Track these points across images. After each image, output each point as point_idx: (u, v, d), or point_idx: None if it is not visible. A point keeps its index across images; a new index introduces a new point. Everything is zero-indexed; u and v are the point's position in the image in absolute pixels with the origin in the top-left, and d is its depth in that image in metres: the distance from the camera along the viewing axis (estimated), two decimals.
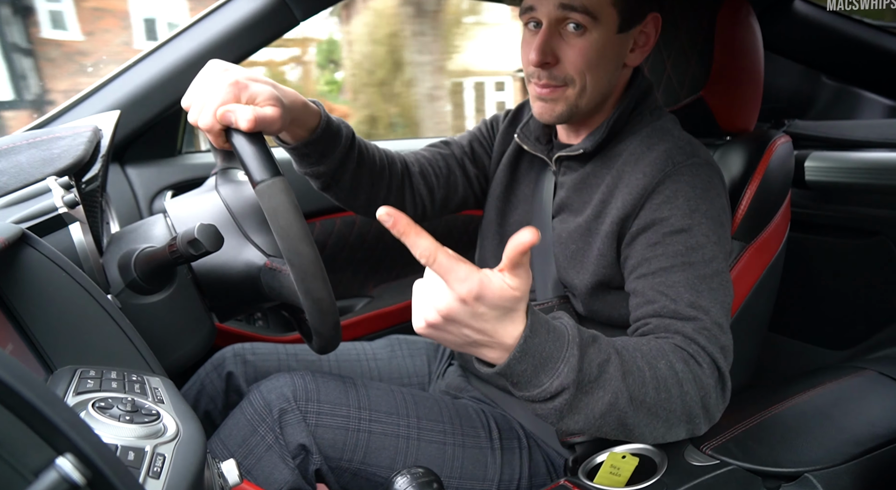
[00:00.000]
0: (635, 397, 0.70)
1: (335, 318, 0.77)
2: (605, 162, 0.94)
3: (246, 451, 0.90)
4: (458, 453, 0.96)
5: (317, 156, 0.93)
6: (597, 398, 0.68)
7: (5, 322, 0.57)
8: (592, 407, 0.69)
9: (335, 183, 0.98)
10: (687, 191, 0.85)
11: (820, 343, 1.67)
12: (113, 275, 0.81)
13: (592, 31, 0.85)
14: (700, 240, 0.83)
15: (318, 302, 0.75)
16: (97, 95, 1.24)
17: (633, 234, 0.87)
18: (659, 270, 0.83)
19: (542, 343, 0.65)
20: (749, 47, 1.09)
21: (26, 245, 0.60)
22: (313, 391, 0.94)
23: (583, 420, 0.70)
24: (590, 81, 0.88)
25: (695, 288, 0.81)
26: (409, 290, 1.73)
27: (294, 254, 0.73)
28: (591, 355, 0.68)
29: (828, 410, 0.93)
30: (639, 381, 0.71)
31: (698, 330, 0.78)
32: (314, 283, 0.74)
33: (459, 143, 1.14)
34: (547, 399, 0.67)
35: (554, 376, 0.66)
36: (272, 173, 0.73)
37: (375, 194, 1.03)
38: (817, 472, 0.78)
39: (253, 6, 1.26)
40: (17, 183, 0.77)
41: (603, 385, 0.68)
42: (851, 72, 1.67)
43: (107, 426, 0.47)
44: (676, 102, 1.13)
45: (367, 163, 1.00)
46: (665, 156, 0.88)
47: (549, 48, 0.87)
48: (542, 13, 0.86)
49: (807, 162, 1.47)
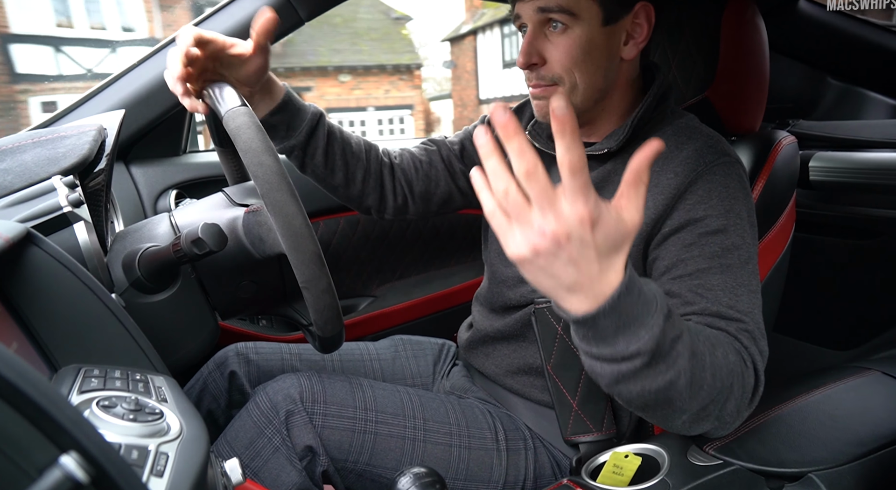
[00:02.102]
0: (695, 381, 0.66)
1: (312, 244, 0.73)
2: (627, 160, 0.93)
3: (253, 453, 0.90)
4: (463, 455, 0.96)
5: (284, 128, 1.02)
6: (659, 372, 0.63)
7: (10, 321, 0.57)
8: (652, 381, 0.63)
9: (309, 158, 1.06)
10: (721, 190, 0.85)
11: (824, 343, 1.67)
12: (117, 274, 0.81)
13: (575, 27, 0.86)
14: (736, 241, 0.82)
15: (288, 218, 0.72)
16: (102, 95, 1.25)
17: (666, 235, 0.86)
18: (696, 272, 0.81)
19: (632, 303, 0.59)
20: (755, 47, 1.09)
21: (31, 244, 0.60)
22: (319, 392, 0.93)
23: (637, 391, 0.64)
24: (580, 78, 0.88)
25: (733, 291, 0.80)
26: (413, 290, 1.75)
27: (258, 165, 0.72)
28: (668, 328, 0.63)
29: (832, 411, 0.93)
30: (700, 365, 0.66)
31: (740, 331, 0.77)
32: (280, 195, 0.72)
33: (449, 141, 1.18)
34: (614, 360, 0.62)
35: (632, 341, 0.60)
36: (238, 103, 0.78)
37: (352, 175, 1.10)
38: (821, 472, 0.78)
39: (257, 6, 1.27)
40: (22, 182, 0.78)
41: (670, 362, 0.63)
42: (857, 72, 1.66)
43: (110, 425, 0.47)
44: (682, 103, 1.13)
45: (339, 142, 1.07)
46: (696, 155, 0.87)
47: (535, 50, 0.88)
48: (526, 17, 0.88)
49: (811, 162, 1.47)
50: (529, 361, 1.01)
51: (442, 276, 1.74)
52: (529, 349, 1.02)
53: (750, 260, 0.83)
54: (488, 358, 1.08)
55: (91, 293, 0.62)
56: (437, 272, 1.75)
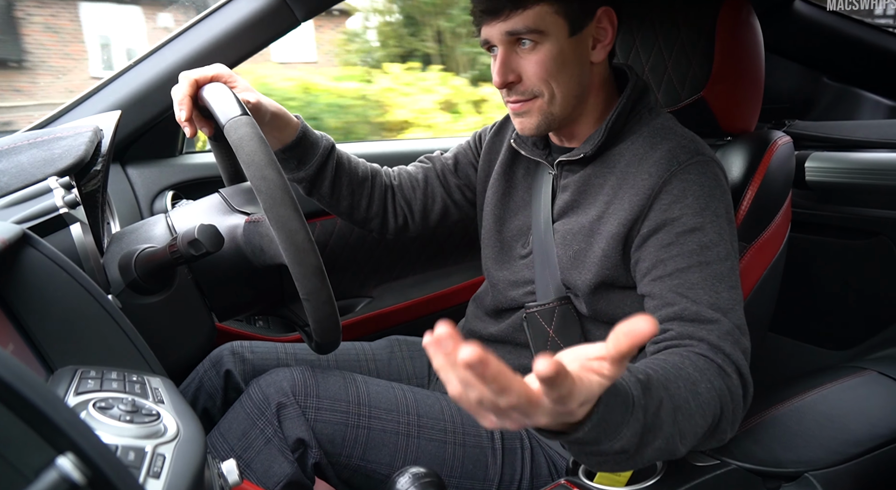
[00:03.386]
0: (685, 433, 0.67)
1: (314, 258, 0.73)
2: (606, 163, 0.94)
3: (245, 444, 0.90)
4: (458, 452, 0.96)
5: (295, 162, 1.06)
6: (650, 446, 0.64)
7: (6, 322, 0.57)
8: (643, 454, 0.64)
9: (316, 189, 1.10)
10: (696, 189, 0.85)
11: (820, 343, 1.67)
12: (113, 275, 0.81)
13: (544, 43, 0.87)
14: (713, 238, 0.83)
15: (291, 233, 0.72)
16: (98, 95, 1.24)
17: (644, 236, 0.87)
18: (675, 272, 0.82)
19: (609, 412, 0.58)
20: (750, 47, 1.09)
21: (27, 245, 0.60)
22: (312, 386, 0.94)
23: (630, 465, 0.66)
24: (557, 89, 0.90)
25: (713, 288, 0.80)
26: (410, 291, 1.74)
27: (261, 180, 0.72)
28: (648, 406, 0.62)
29: (828, 411, 0.93)
30: (687, 415, 0.67)
31: (722, 335, 0.77)
32: (284, 210, 0.72)
33: (444, 157, 1.20)
34: (605, 454, 0.62)
35: (615, 440, 0.60)
36: (239, 112, 0.77)
37: (357, 203, 1.14)
38: (818, 472, 0.78)
39: (253, 7, 1.26)
40: (19, 183, 0.77)
41: (656, 432, 0.63)
42: (852, 72, 1.67)
43: (107, 426, 0.47)
44: (677, 103, 1.13)
45: (347, 173, 1.11)
46: (670, 154, 0.88)
47: (509, 68, 0.90)
48: (495, 40, 0.90)
49: (807, 162, 1.47)
50: (524, 363, 1.01)
51: (439, 277, 1.74)
52: (523, 352, 1.02)
53: (728, 256, 0.83)
54: None
55: (87, 294, 0.62)
56: (434, 273, 1.75)
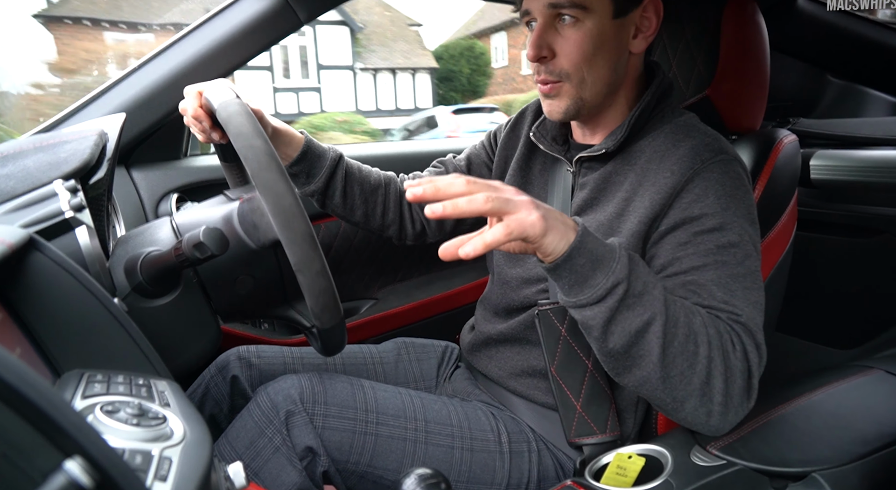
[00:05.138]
0: (668, 331, 0.73)
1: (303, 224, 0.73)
2: (627, 160, 0.93)
3: (254, 453, 0.90)
4: (465, 457, 0.96)
5: (304, 176, 1.09)
6: (636, 314, 0.73)
7: (13, 326, 0.57)
8: (631, 321, 0.73)
9: (328, 200, 1.13)
10: (717, 188, 0.85)
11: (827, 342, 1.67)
12: (119, 278, 0.81)
13: (586, 20, 0.86)
14: (732, 238, 0.82)
15: (278, 196, 0.71)
16: (103, 98, 1.25)
17: (662, 233, 0.86)
18: (690, 269, 0.82)
19: (595, 243, 0.73)
20: (755, 46, 1.09)
21: (33, 249, 0.60)
22: (320, 393, 0.93)
23: (618, 331, 0.74)
24: (589, 73, 0.89)
25: (727, 287, 0.80)
26: (415, 292, 1.75)
27: (248, 148, 0.72)
28: (639, 270, 0.75)
29: (835, 410, 0.93)
30: (673, 319, 0.74)
31: (733, 321, 0.78)
32: (270, 174, 0.71)
33: (457, 160, 1.22)
34: (599, 300, 0.73)
35: (609, 274, 0.72)
36: (230, 96, 0.80)
37: (371, 211, 1.16)
38: (825, 471, 0.78)
39: (256, 9, 1.27)
40: (24, 187, 0.78)
41: (644, 303, 0.73)
42: (857, 70, 1.66)
43: (114, 429, 0.47)
44: (682, 102, 1.13)
45: (358, 182, 1.13)
46: (693, 152, 0.87)
47: (545, 42, 0.89)
48: (536, 13, 0.89)
49: (812, 160, 1.47)
50: (533, 364, 1.01)
51: (444, 278, 1.74)
52: (533, 352, 1.02)
53: (748, 257, 0.83)
54: (491, 360, 1.08)
55: (93, 298, 0.62)
56: (439, 274, 1.75)
